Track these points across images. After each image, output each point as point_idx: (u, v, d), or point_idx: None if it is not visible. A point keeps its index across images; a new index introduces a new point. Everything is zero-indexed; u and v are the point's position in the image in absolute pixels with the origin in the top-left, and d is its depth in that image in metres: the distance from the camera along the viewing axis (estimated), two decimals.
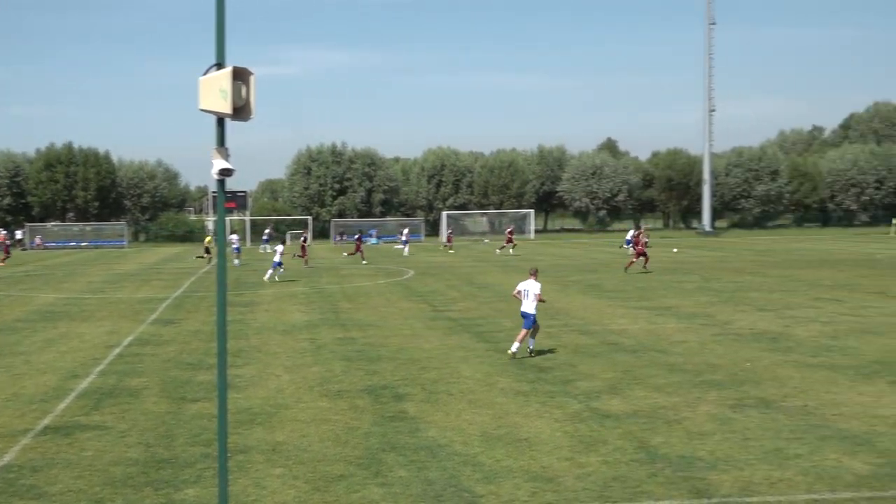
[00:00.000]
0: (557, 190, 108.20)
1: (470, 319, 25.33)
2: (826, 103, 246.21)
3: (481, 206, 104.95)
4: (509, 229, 67.44)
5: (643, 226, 57.81)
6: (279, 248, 41.76)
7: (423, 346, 20.58)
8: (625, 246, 58.24)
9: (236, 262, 52.31)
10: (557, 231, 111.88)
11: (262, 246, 72.14)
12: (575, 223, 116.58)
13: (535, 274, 19.37)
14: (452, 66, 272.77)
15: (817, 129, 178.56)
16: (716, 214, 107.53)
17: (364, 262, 52.58)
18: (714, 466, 10.95)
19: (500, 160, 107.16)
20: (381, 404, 14.55)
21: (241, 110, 7.10)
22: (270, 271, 40.14)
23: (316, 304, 30.34)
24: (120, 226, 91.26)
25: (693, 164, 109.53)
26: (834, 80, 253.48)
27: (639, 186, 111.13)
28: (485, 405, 14.35)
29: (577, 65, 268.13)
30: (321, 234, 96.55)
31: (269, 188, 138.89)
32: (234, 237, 55.62)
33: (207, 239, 57.69)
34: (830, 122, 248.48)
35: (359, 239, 55.40)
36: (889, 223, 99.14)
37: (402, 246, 63.88)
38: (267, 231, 74.74)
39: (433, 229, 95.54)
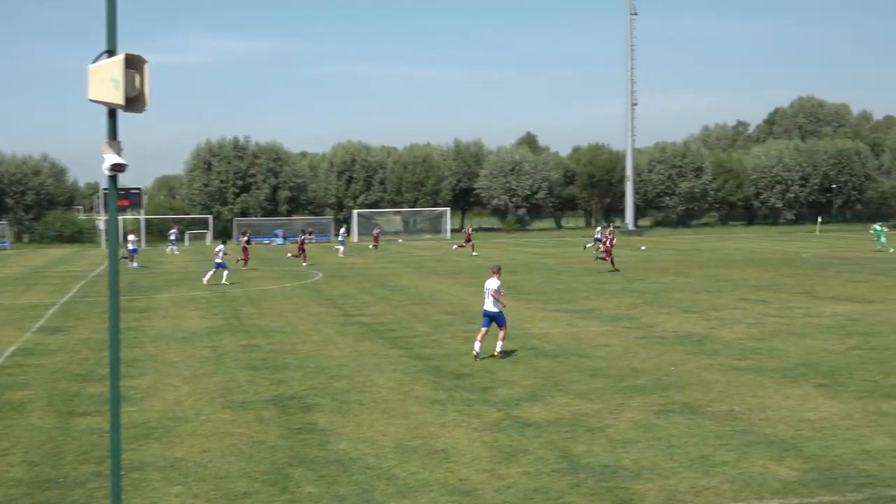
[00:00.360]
0: (475, 187, 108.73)
1: (383, 324, 25.29)
2: (750, 98, 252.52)
3: (395, 204, 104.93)
4: (467, 229, 66.63)
5: (612, 224, 58.94)
6: (220, 248, 40.79)
7: (333, 353, 20.47)
8: (591, 244, 58.47)
9: (133, 265, 51.32)
10: (475, 230, 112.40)
11: (169, 247, 71.06)
12: (493, 222, 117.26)
13: (497, 272, 19.85)
14: (362, 56, 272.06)
15: (742, 125, 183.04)
16: (639, 212, 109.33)
17: (305, 263, 52.20)
18: (638, 475, 11.12)
19: (413, 155, 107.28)
20: (288, 416, 14.42)
21: (134, 101, 6.96)
22: (211, 273, 39.54)
23: (217, 308, 29.96)
24: (1, 225, 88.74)
25: (615, 160, 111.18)
26: (758, 75, 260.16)
27: (559, 183, 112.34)
28: (399, 415, 14.33)
29: (495, 56, 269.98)
30: (223, 233, 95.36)
31: (166, 185, 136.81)
32: (132, 237, 54.56)
33: (130, 239, 56.58)
34: (755, 118, 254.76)
35: (302, 240, 54.79)
36: (814, 221, 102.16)
37: (340, 247, 63.55)
38: (173, 231, 73.69)
39: (365, 229, 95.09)
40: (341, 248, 63.42)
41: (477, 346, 19.28)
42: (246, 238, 50.63)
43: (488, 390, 16.08)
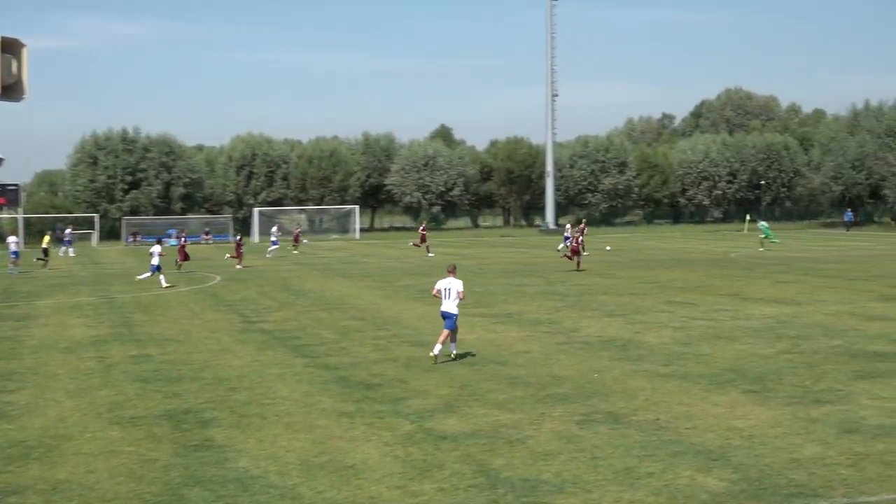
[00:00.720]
0: (385, 183, 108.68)
1: (286, 331, 25.13)
2: (676, 89, 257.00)
3: (299, 202, 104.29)
4: (422, 227, 66.17)
5: (584, 222, 60.07)
6: (156, 249, 40.07)
7: (233, 363, 20.27)
8: (563, 246, 59.35)
9: (12, 268, 50.08)
10: (386, 230, 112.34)
11: (62, 249, 69.87)
12: (406, 220, 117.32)
13: (453, 271, 20.61)
14: (263, 41, 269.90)
15: (667, 118, 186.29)
16: (560, 210, 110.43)
17: (238, 266, 51.57)
18: (560, 489, 11.23)
19: (320, 149, 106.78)
20: (182, 432, 14.24)
21: (11, 89, 6.80)
22: (148, 275, 39.03)
23: (105, 316, 29.44)
24: None
25: (535, 155, 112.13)
26: (684, 65, 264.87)
27: (476, 179, 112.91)
28: (304, 429, 14.25)
29: (407, 43, 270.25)
30: (110, 234, 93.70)
31: (47, 181, 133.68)
32: (13, 239, 53.32)
33: (46, 239, 56.14)
34: (681, 110, 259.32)
35: (239, 241, 53.97)
36: (742, 219, 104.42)
37: (274, 247, 62.82)
38: (67, 231, 72.62)
39: (266, 228, 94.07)
40: (274, 247, 62.80)
41: (437, 348, 19.84)
42: (182, 238, 51.44)
43: (400, 401, 16.08)
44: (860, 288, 34.28)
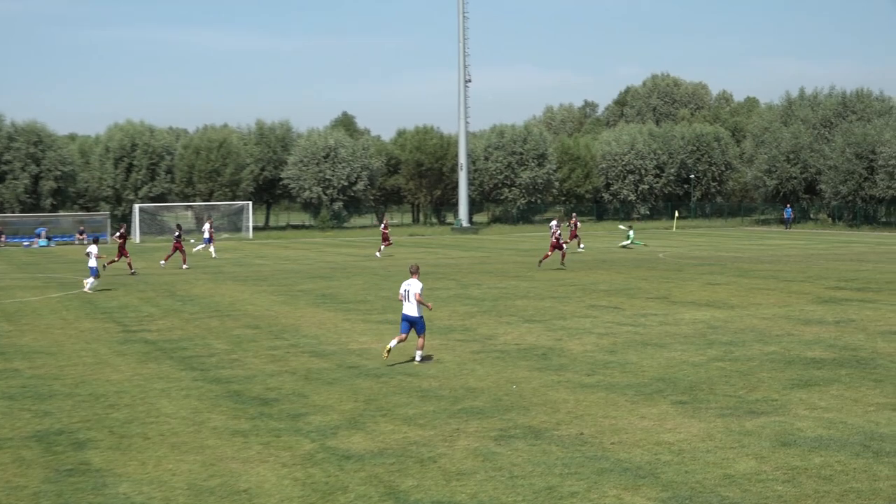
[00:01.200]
0: (282, 177, 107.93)
1: (172, 341, 24.84)
2: (599, 75, 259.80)
3: (185, 198, 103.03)
4: (384, 224, 65.51)
5: (575, 215, 60.89)
6: (92, 249, 39.16)
7: (112, 377, 19.96)
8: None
9: None
10: (282, 228, 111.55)
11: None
12: (304, 218, 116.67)
13: (416, 272, 21.36)
14: (143, 16, 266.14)
15: (589, 106, 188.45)
16: (474, 207, 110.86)
17: (162, 263, 51.81)
18: None
19: (208, 139, 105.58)
20: (54, 454, 13.98)
21: None
22: (93, 280, 38.63)
23: None
24: None
25: (446, 146, 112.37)
26: (607, 49, 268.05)
27: (382, 173, 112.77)
28: (193, 450, 14.09)
29: (305, 22, 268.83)
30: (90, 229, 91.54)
31: None
32: None
33: None
34: (604, 98, 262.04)
35: (178, 239, 52.93)
36: (671, 216, 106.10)
37: (203, 244, 61.87)
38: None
39: (149, 227, 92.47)
40: (208, 245, 62.14)
41: (393, 342, 20.81)
42: (120, 234, 50.04)
43: (300, 417, 15.99)
44: (796, 290, 35.06)
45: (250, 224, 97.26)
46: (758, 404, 16.45)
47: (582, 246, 62.70)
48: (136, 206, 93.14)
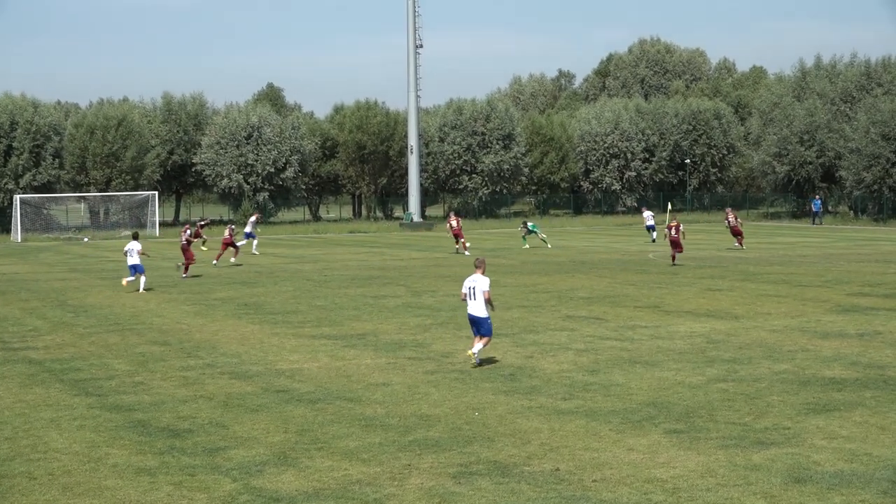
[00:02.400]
0: (194, 162, 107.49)
1: (62, 361, 24.67)
2: (576, 40, 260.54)
3: (77, 187, 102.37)
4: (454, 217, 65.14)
5: (670, 207, 61.80)
6: (134, 246, 41.76)
7: None
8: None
9: None
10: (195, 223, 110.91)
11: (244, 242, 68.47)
12: (222, 212, 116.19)
13: (481, 266, 22.95)
14: None
15: (565, 76, 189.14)
16: (427, 198, 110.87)
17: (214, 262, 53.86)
18: None
19: (105, 116, 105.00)
20: None
21: None
22: (133, 277, 41.08)
23: None
24: None
25: (394, 125, 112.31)
26: (586, 9, 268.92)
27: (316, 157, 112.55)
28: (89, 492, 14.02)
29: None
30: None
31: None
32: None
33: None
34: (582, 67, 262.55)
35: (232, 232, 53.49)
36: (663, 209, 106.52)
37: (249, 240, 62.34)
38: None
39: (33, 223, 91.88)
40: (248, 240, 63.19)
41: (476, 347, 22.66)
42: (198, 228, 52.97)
43: (218, 452, 15.95)
44: (812, 297, 35.34)
45: (156, 219, 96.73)
46: (767, 433, 16.57)
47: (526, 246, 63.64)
48: (17, 198, 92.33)
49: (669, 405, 18.71)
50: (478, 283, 22.62)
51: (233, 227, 55.11)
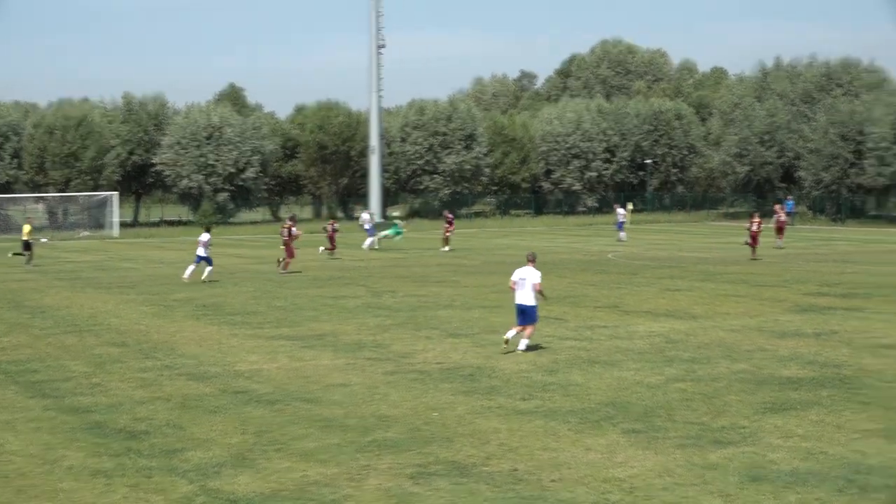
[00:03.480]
0: (154, 162, 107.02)
1: (18, 363, 24.54)
2: (538, 41, 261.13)
3: (36, 187, 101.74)
4: (330, 225, 65.20)
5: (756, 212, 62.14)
6: (206, 237, 44.56)
7: None
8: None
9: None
10: (155, 224, 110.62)
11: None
12: (182, 213, 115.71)
13: (533, 260, 25.30)
14: None
15: (527, 77, 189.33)
16: (389, 198, 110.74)
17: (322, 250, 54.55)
18: None
19: (64, 116, 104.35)
20: None
21: None
22: (193, 268, 43.40)
23: None
24: None
25: (355, 126, 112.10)
26: (548, 10, 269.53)
27: (277, 157, 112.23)
28: (44, 494, 13.96)
29: None
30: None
31: None
32: None
33: (27, 229, 58.06)
34: (544, 68, 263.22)
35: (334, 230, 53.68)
36: (624, 208, 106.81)
37: (372, 238, 63.06)
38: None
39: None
40: (369, 239, 64.79)
41: (511, 333, 24.67)
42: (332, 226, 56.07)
43: (175, 454, 15.90)
44: (770, 297, 35.57)
45: (116, 219, 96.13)
46: (724, 432, 16.67)
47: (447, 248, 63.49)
48: None
49: (628, 405, 18.80)
50: (529, 276, 24.74)
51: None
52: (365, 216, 44.35)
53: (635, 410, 18.35)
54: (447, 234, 64.42)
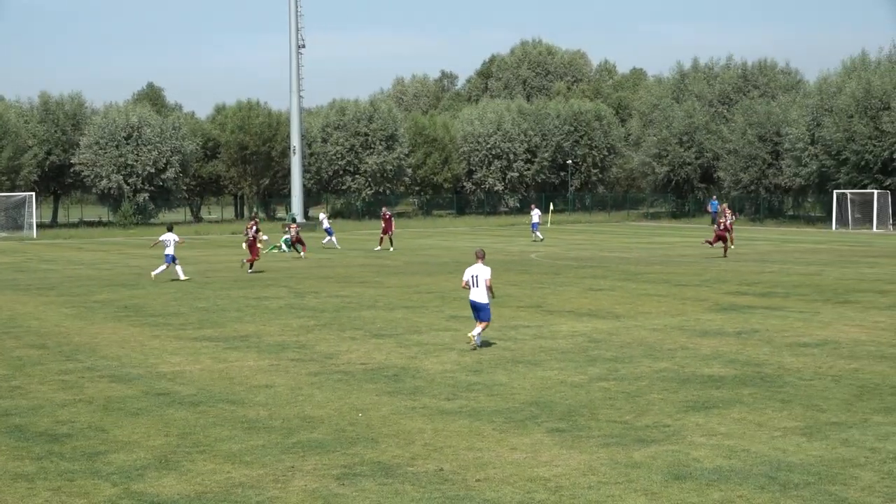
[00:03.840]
0: (73, 162, 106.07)
1: None
2: (458, 41, 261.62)
3: None
4: (290, 227, 64.42)
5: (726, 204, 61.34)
6: (170, 237, 44.07)
7: None
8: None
9: None
10: (74, 225, 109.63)
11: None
12: (102, 213, 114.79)
13: (482, 256, 25.40)
14: None
15: (448, 77, 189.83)
16: (311, 198, 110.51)
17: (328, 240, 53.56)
18: None
19: None
20: None
21: None
22: (163, 268, 42.94)
23: None
24: None
25: (276, 126, 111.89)
26: (468, 10, 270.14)
27: (197, 157, 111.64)
28: None
29: None
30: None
31: None
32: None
33: None
34: (464, 68, 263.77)
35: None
36: (545, 209, 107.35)
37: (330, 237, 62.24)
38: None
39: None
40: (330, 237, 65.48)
41: (476, 330, 25.11)
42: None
43: (98, 456, 15.76)
44: (691, 296, 35.89)
45: (34, 220, 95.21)
46: (647, 431, 16.79)
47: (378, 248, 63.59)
48: None
49: (552, 404, 18.88)
50: (480, 272, 24.88)
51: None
52: (166, 237, 44.06)
53: (559, 410, 18.43)
54: (389, 233, 63.76)
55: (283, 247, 62.77)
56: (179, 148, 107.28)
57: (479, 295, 24.89)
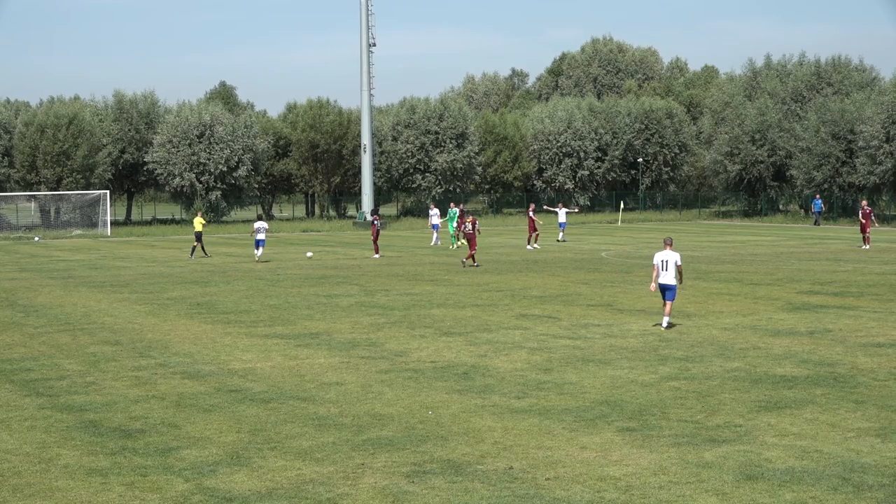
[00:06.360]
0: (146, 161, 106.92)
1: (13, 361, 24.49)
2: (529, 39, 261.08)
3: (28, 186, 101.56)
4: (374, 220, 65.37)
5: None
6: (261, 225, 47.81)
7: None
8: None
9: None
10: (147, 223, 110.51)
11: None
12: (174, 211, 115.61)
13: (670, 243, 28.01)
14: None
15: (518, 76, 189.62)
16: (381, 197, 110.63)
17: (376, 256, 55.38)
18: None
19: (55, 115, 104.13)
20: None
21: None
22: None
23: None
24: None
25: (347, 124, 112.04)
26: (538, 8, 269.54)
27: (269, 156, 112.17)
28: (39, 493, 13.95)
29: None
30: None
31: None
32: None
33: None
34: (535, 66, 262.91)
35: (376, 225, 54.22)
36: (616, 208, 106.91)
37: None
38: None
39: None
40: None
41: (665, 320, 27.79)
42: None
43: (171, 452, 15.89)
44: (763, 295, 35.59)
45: (108, 218, 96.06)
46: (719, 431, 16.69)
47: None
48: None
49: (622, 403, 18.81)
50: (669, 257, 27.40)
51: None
52: (258, 224, 45.41)
53: (630, 409, 18.37)
54: (535, 231, 64.20)
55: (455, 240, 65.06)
56: (251, 146, 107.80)
57: (669, 277, 27.40)
